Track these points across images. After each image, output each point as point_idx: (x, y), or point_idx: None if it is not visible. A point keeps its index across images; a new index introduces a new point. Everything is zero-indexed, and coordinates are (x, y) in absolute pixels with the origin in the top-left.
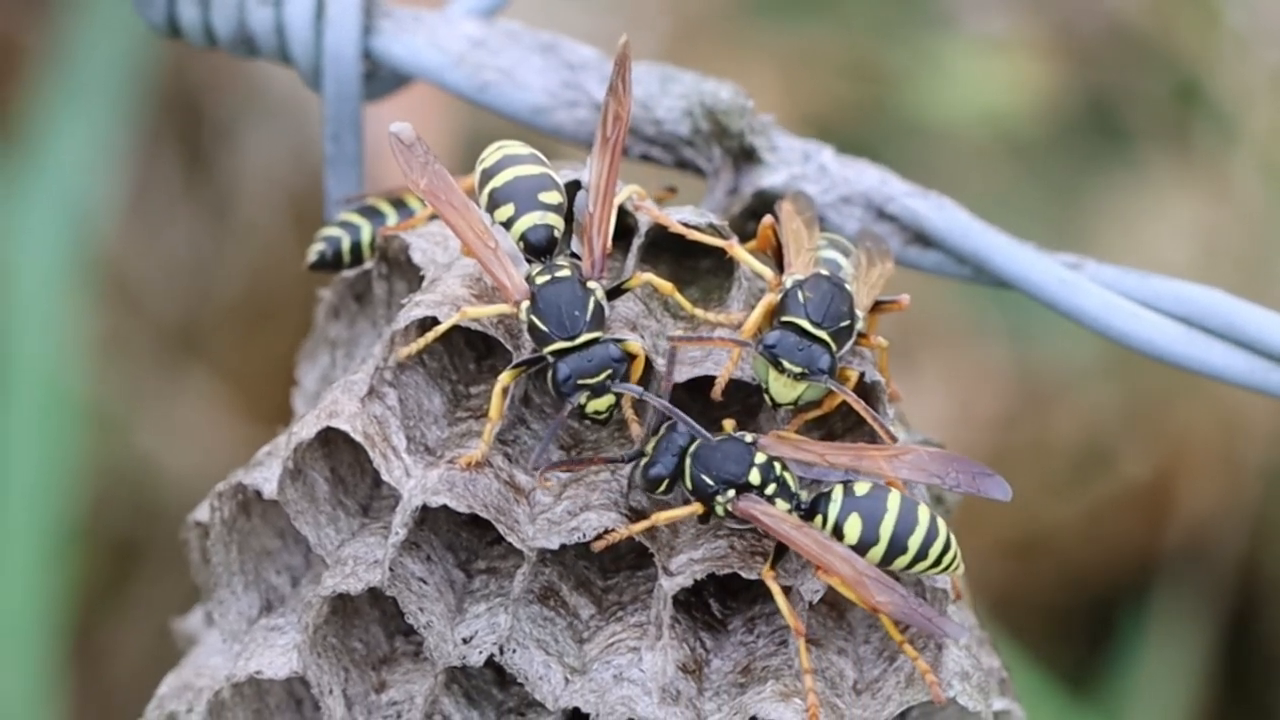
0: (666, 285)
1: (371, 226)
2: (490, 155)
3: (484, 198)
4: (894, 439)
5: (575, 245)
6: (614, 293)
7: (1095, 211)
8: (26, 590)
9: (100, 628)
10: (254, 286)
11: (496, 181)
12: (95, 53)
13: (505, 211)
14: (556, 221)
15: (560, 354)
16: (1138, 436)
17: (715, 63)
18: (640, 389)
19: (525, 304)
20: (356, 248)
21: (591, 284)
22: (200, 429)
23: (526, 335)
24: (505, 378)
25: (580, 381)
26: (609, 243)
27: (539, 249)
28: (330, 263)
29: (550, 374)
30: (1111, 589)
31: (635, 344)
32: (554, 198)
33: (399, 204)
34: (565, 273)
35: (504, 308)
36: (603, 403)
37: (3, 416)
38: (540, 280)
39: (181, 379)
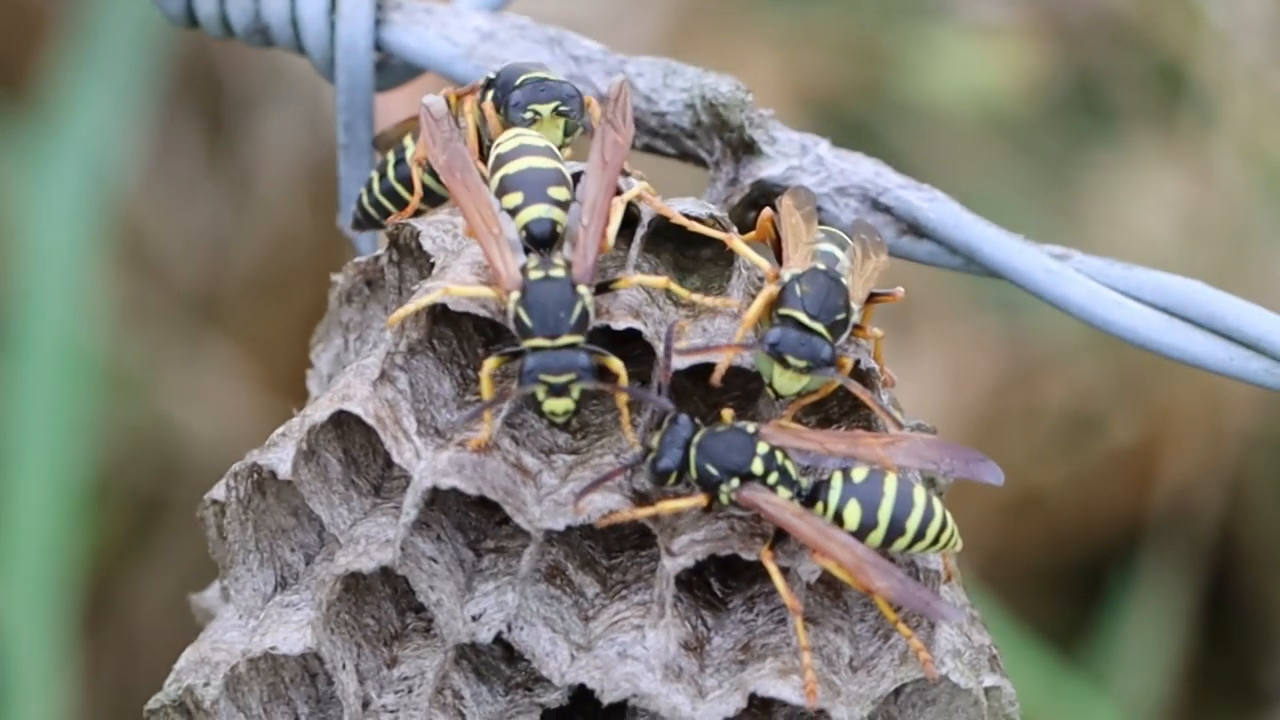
0: (659, 281)
1: (379, 177)
2: (507, 142)
3: (495, 182)
4: (900, 425)
5: (567, 252)
6: (602, 288)
7: (1082, 187)
8: (46, 545)
9: (122, 582)
10: (272, 258)
11: (509, 169)
12: (117, 22)
13: (513, 199)
14: (560, 217)
15: (537, 350)
16: (1124, 405)
17: (715, 43)
18: (611, 385)
19: (515, 295)
20: (375, 201)
21: (581, 289)
22: (219, 393)
23: (511, 324)
24: (490, 364)
25: (543, 377)
26: (599, 255)
27: (540, 240)
28: (364, 221)
29: (520, 364)
30: (1098, 551)
31: (616, 363)
32: (562, 193)
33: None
34: (559, 272)
35: (484, 290)
36: (560, 405)
37: (24, 377)
38: (534, 275)
39: (201, 345)
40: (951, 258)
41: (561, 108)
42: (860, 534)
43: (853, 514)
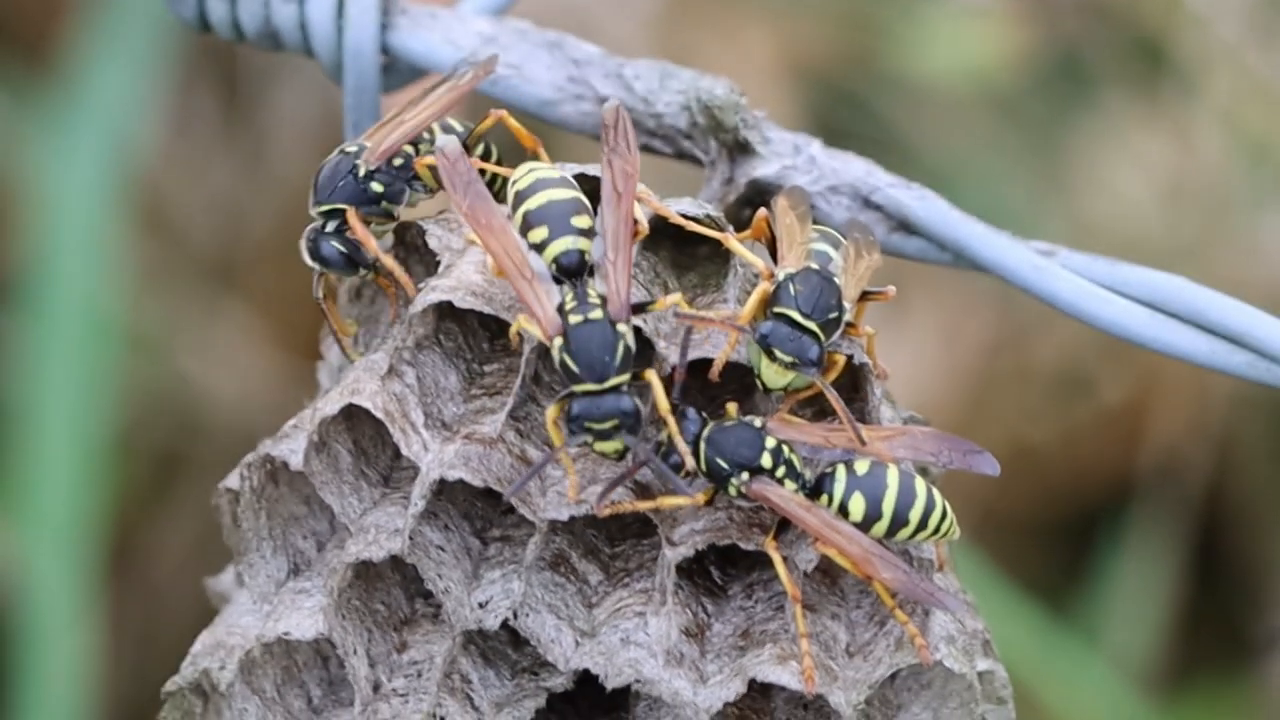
0: (678, 299)
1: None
2: (524, 178)
3: (518, 218)
4: (860, 439)
5: (599, 285)
6: (638, 308)
7: (1068, 155)
8: (70, 498)
9: (143, 533)
10: (286, 223)
11: (530, 204)
12: None
13: (539, 234)
14: (586, 246)
15: (584, 395)
16: (1114, 365)
17: (711, 17)
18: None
19: (559, 341)
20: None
21: (621, 326)
22: (235, 353)
23: (558, 368)
24: (551, 412)
25: (587, 424)
26: (630, 287)
27: (570, 271)
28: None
29: (567, 408)
30: (1089, 507)
31: (653, 377)
32: (584, 222)
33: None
34: (598, 314)
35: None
36: (608, 446)
37: (48, 338)
38: (574, 320)
39: (218, 307)
40: (941, 254)
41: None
42: (864, 525)
43: (857, 506)
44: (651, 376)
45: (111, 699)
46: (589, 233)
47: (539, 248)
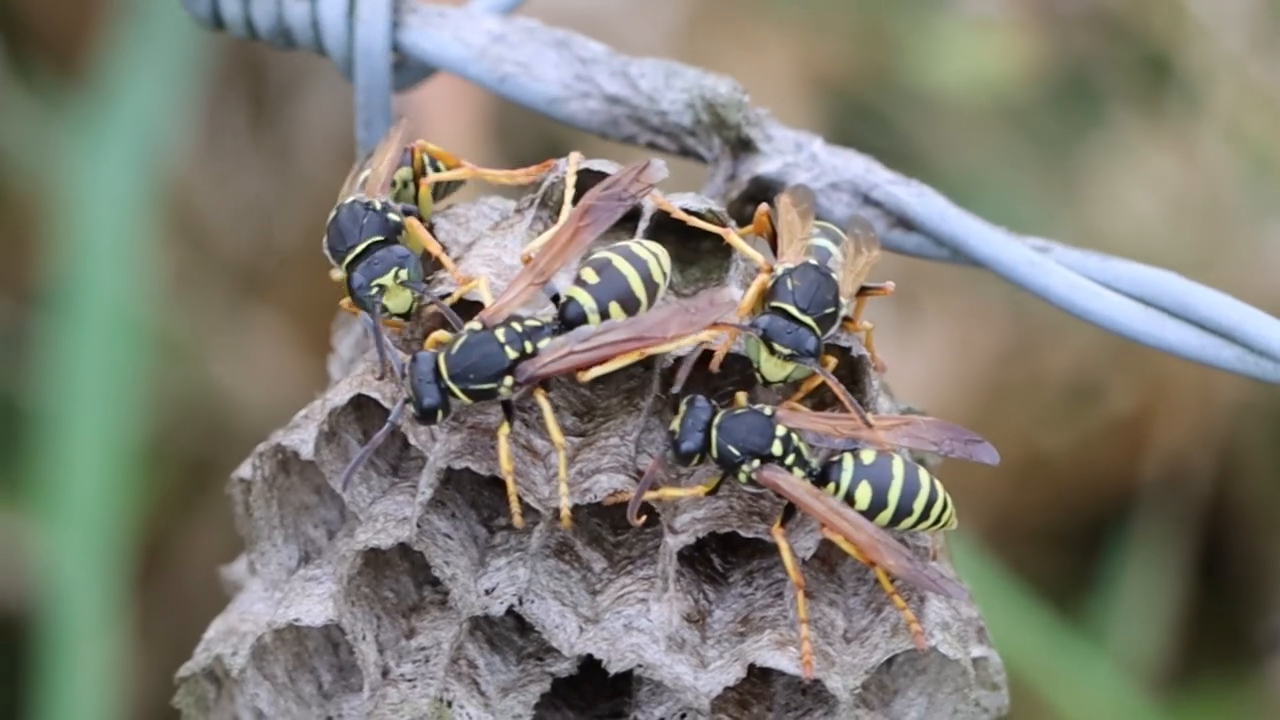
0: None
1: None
2: (646, 252)
3: (597, 252)
4: (867, 423)
5: (545, 344)
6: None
7: (1076, 167)
8: (99, 504)
9: (175, 538)
10: (313, 230)
11: (618, 261)
12: (167, 3)
13: (590, 276)
14: (595, 322)
15: (439, 366)
16: (1123, 374)
17: (732, 31)
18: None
19: (476, 325)
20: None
21: (508, 380)
22: (264, 358)
23: (451, 335)
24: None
25: (406, 377)
26: (555, 375)
27: (565, 320)
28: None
29: (413, 357)
30: (1098, 513)
31: (503, 430)
32: (618, 315)
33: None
34: (512, 355)
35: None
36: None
37: (79, 344)
38: (500, 334)
39: (247, 313)
40: (939, 249)
41: (401, 272)
42: (869, 514)
43: (864, 495)
44: (502, 433)
45: (140, 704)
46: (606, 318)
47: (577, 283)
